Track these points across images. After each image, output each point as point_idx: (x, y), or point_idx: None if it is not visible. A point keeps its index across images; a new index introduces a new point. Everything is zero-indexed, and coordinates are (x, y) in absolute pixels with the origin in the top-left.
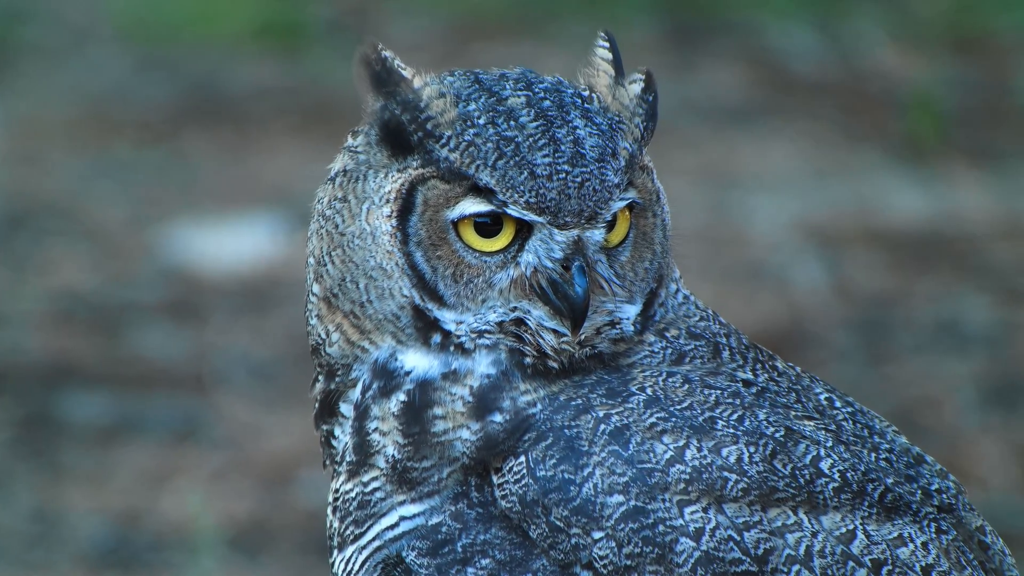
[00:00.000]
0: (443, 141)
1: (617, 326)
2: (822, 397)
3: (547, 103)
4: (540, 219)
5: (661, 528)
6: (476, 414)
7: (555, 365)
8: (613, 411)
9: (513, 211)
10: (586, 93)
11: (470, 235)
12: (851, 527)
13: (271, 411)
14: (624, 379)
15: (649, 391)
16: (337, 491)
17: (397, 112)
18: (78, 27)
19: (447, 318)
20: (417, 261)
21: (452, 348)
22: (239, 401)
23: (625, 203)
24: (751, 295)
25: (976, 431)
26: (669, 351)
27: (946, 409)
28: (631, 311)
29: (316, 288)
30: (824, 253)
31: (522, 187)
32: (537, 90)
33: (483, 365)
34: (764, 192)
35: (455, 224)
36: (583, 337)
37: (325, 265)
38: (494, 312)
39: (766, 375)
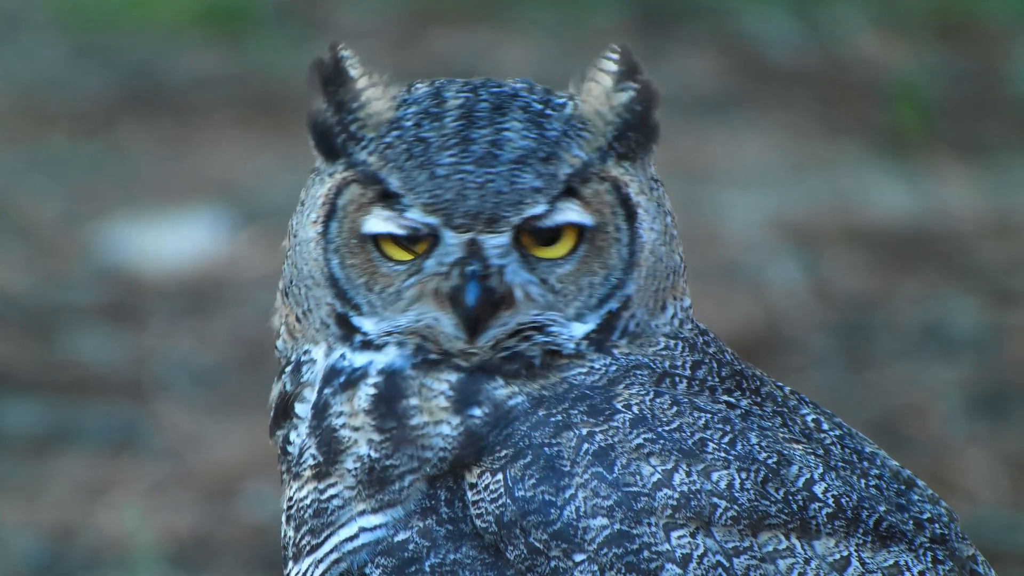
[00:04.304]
0: (363, 144)
1: (550, 336)
2: (809, 419)
3: (484, 104)
4: (434, 221)
5: (646, 554)
6: (456, 408)
7: (464, 363)
8: (597, 430)
9: (413, 215)
10: (560, 100)
11: (389, 245)
12: (845, 554)
13: (215, 420)
14: (607, 396)
15: (636, 410)
16: (291, 499)
17: (328, 114)
18: (9, 12)
19: (364, 324)
20: (333, 269)
21: (367, 347)
22: (181, 409)
23: (541, 210)
24: (724, 297)
25: (963, 441)
26: (613, 368)
27: (931, 418)
28: (576, 329)
29: (280, 283)
30: (802, 252)
31: (421, 187)
32: (484, 93)
33: (390, 356)
34: (738, 187)
35: (373, 237)
36: (487, 345)
37: (285, 263)
38: (406, 317)
39: (748, 400)
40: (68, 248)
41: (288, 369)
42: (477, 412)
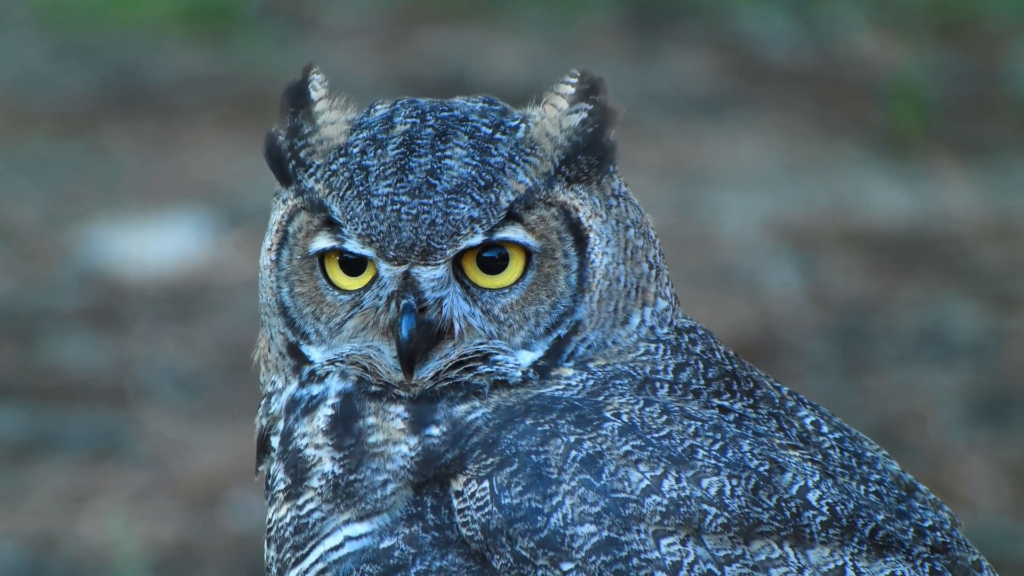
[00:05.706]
0: (311, 171)
1: (495, 365)
2: (807, 421)
3: (428, 131)
4: (369, 252)
5: (636, 561)
6: (413, 428)
7: (404, 394)
8: (585, 437)
9: (350, 245)
10: (513, 122)
11: (336, 272)
12: (840, 563)
13: (199, 426)
14: (596, 406)
15: (625, 418)
16: (271, 521)
17: (282, 138)
18: None
19: (312, 353)
20: (283, 297)
21: (313, 379)
22: (164, 416)
23: (478, 240)
24: (720, 301)
25: (963, 448)
26: (591, 382)
27: (930, 424)
28: (522, 357)
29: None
30: (799, 255)
31: (357, 219)
32: (431, 118)
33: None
34: (734, 189)
35: (320, 259)
36: (426, 378)
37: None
38: (350, 345)
39: (742, 403)
40: (49, 251)
41: (263, 403)
42: (435, 431)
